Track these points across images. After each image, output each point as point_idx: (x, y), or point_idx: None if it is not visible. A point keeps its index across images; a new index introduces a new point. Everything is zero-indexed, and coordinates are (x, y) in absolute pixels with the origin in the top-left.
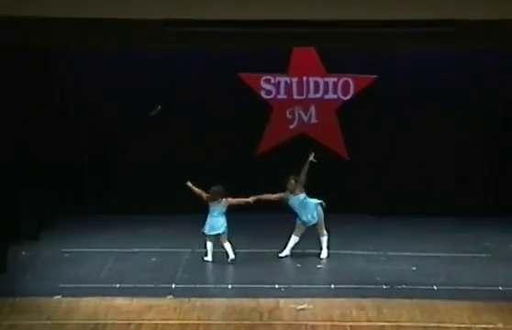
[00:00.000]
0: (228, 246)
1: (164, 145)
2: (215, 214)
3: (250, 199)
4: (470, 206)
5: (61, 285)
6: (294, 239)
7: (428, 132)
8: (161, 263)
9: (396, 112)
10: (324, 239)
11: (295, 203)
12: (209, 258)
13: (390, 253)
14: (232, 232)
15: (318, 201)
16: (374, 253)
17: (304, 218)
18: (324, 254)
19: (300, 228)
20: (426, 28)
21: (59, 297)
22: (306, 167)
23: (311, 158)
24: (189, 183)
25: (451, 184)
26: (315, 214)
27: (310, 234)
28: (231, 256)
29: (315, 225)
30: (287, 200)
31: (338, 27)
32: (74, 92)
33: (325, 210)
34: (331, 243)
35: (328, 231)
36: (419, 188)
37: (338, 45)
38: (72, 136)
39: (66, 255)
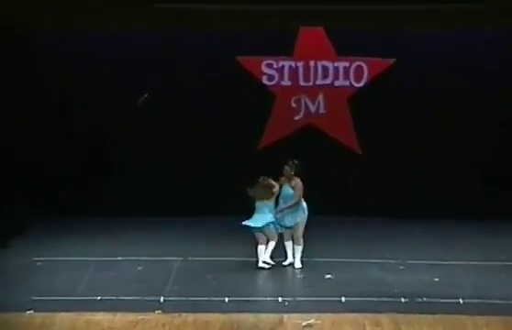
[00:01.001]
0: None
1: (150, 139)
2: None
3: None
4: (499, 209)
5: (34, 298)
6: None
7: (453, 126)
8: (148, 273)
9: (417, 102)
10: (298, 249)
11: (283, 193)
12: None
13: (409, 261)
14: (229, 238)
15: (304, 204)
16: (391, 261)
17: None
18: (298, 264)
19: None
20: (451, 5)
21: (31, 312)
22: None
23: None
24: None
25: (477, 184)
26: (297, 219)
27: (315, 240)
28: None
29: (289, 228)
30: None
31: (350, 3)
32: (52, 81)
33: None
34: (342, 249)
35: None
36: (442, 188)
37: (350, 24)
38: (44, 129)
39: (39, 263)
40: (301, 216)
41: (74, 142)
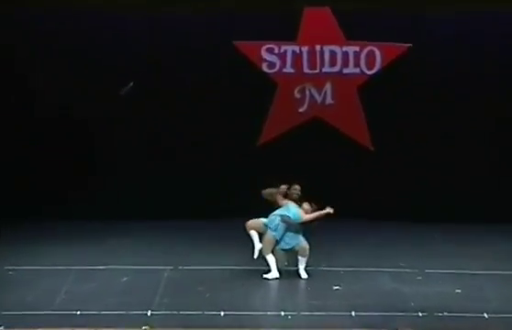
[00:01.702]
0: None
1: (137, 133)
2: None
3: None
4: None
5: (4, 313)
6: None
7: (476, 120)
8: (134, 283)
9: (436, 92)
10: (303, 259)
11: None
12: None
13: (427, 270)
14: (225, 245)
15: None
16: (407, 270)
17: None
18: (303, 274)
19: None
20: None
21: (1, 329)
22: (317, 215)
23: (329, 210)
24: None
25: (506, 186)
26: (293, 244)
27: (322, 247)
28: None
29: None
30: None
31: None
32: (31, 71)
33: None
34: (352, 257)
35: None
36: (464, 189)
37: (361, 4)
38: (20, 121)
39: (11, 273)
40: (299, 245)
41: (53, 137)
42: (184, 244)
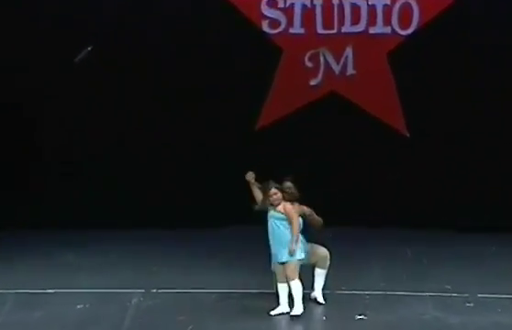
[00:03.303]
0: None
1: (96, 119)
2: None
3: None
4: None
5: None
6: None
7: None
8: (91, 312)
9: (491, 59)
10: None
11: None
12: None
13: (480, 295)
14: (211, 260)
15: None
16: (454, 295)
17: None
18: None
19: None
20: None
21: None
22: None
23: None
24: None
25: None
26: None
27: (341, 264)
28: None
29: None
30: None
31: None
32: None
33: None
34: (380, 277)
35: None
36: None
37: None
38: None
39: None
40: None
41: None
42: (159, 260)
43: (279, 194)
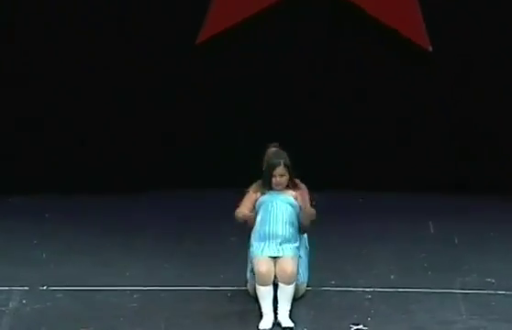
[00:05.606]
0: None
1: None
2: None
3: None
4: None
5: None
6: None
7: None
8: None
9: None
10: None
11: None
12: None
13: None
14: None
15: None
16: (499, 293)
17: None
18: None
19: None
20: None
21: None
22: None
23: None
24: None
25: None
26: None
27: (327, 250)
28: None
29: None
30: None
31: None
32: None
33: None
34: (385, 266)
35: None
36: None
37: None
38: None
39: None
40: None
41: None
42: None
43: (287, 176)
